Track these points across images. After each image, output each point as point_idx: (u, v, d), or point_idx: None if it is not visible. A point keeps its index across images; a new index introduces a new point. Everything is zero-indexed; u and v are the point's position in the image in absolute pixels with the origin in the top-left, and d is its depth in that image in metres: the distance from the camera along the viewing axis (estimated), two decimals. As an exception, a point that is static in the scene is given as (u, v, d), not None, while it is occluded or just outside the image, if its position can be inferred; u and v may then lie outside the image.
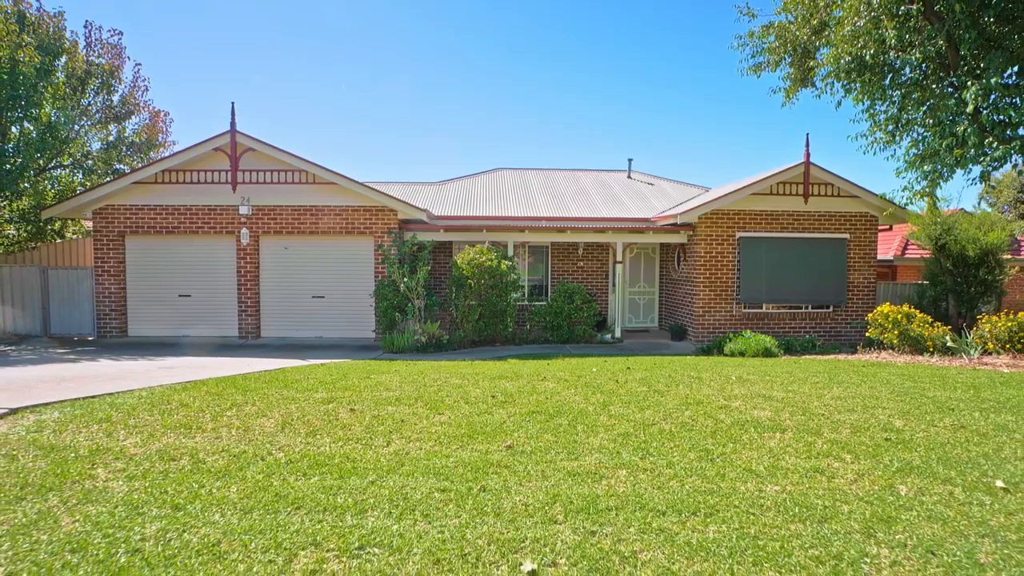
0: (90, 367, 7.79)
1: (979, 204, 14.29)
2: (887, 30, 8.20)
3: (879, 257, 15.34)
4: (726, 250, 12.32)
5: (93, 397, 5.44)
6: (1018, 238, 15.66)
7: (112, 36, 12.08)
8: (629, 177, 16.90)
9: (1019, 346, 8.82)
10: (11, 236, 11.67)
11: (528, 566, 2.62)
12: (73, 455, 3.87)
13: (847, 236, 12.46)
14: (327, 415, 4.91)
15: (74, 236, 13.24)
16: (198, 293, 12.17)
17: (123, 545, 2.78)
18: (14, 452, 3.90)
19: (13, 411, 4.82)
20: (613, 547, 2.81)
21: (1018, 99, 8.24)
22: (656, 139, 76.73)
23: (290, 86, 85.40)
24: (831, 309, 12.54)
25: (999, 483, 3.63)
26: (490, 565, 2.64)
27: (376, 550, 2.75)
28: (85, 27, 12.06)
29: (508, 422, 4.80)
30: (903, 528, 3.05)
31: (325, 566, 2.62)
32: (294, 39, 76.57)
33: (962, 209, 14.47)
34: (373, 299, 11.92)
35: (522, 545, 2.81)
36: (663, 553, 2.77)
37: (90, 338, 11.97)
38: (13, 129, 10.85)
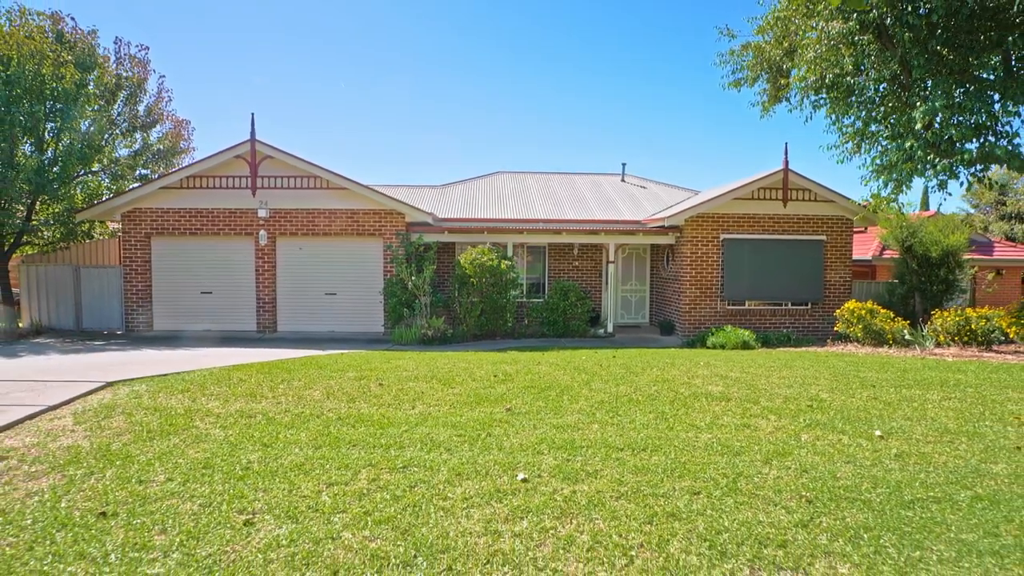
0: (138, 354, 9.08)
1: (939, 208, 15.59)
2: (844, 57, 9.48)
3: (859, 257, 16.69)
4: (711, 251, 13.60)
5: (164, 375, 6.75)
6: (991, 239, 16.94)
7: (140, 51, 13.37)
8: (623, 180, 18.20)
9: (965, 338, 10.12)
10: (46, 237, 12.92)
11: (521, 476, 3.92)
12: (174, 413, 5.17)
13: (824, 238, 13.74)
14: (361, 388, 6.21)
15: (101, 237, 14.52)
16: (219, 290, 13.45)
17: (237, 465, 4.08)
18: (128, 411, 5.20)
19: (109, 384, 6.12)
20: (582, 467, 4.11)
21: (961, 117, 9.50)
22: (656, 138, 78.04)
23: (291, 86, 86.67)
24: (809, 306, 13.83)
25: (878, 432, 4.94)
26: (495, 476, 3.94)
27: (415, 468, 4.05)
28: (115, 43, 13.34)
29: (508, 393, 6.10)
30: (792, 459, 4.35)
31: (381, 476, 3.92)
32: (296, 40, 77.80)
33: (938, 211, 15.77)
34: (382, 296, 13.21)
35: (517, 465, 4.11)
36: (616, 471, 4.07)
37: (119, 332, 13.24)
38: (47, 136, 12.11)
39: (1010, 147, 9.36)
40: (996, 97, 9.54)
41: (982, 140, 9.69)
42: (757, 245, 13.60)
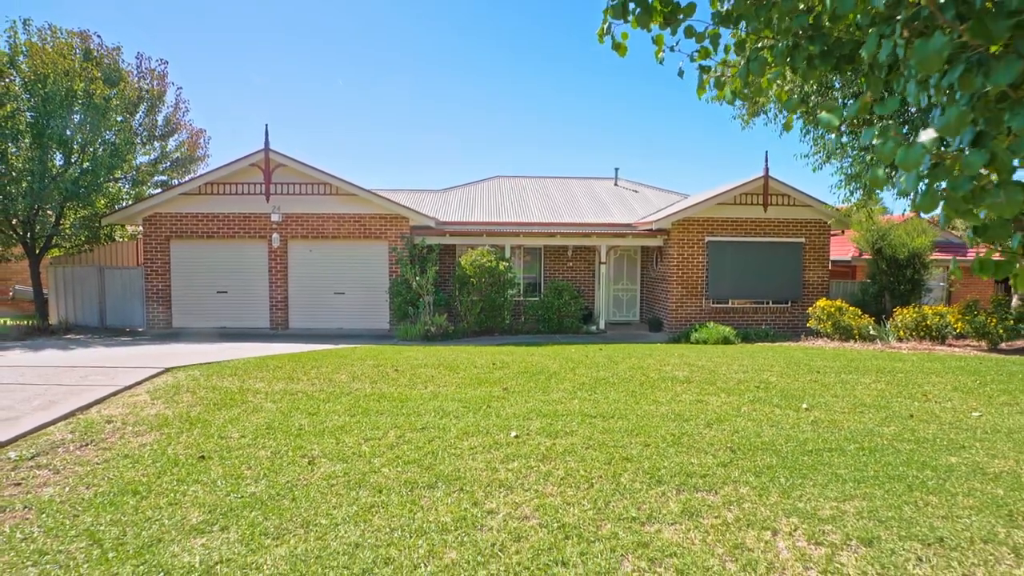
0: (172, 348, 10.35)
1: (904, 211, 16.90)
2: (809, 84, 10.77)
3: (840, 258, 18.00)
4: (696, 252, 14.89)
5: (208, 363, 8.02)
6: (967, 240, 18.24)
7: (159, 65, 14.63)
8: (616, 184, 19.49)
9: (922, 333, 11.42)
10: (71, 240, 14.19)
11: (514, 433, 5.21)
12: (229, 391, 6.46)
13: (802, 240, 15.03)
14: (379, 373, 7.50)
15: (121, 239, 15.78)
16: (234, 290, 14.71)
17: (292, 427, 5.36)
18: (192, 390, 6.48)
19: (167, 369, 7.39)
20: (562, 428, 5.40)
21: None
22: (656, 138, 79.39)
23: (291, 86, 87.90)
24: (789, 304, 15.13)
25: (805, 406, 6.23)
26: (493, 434, 5.22)
27: (431, 429, 5.34)
28: (136, 58, 14.64)
29: (504, 377, 7.39)
30: (728, 424, 5.64)
31: (406, 434, 5.21)
32: (295, 39, 78.99)
33: (917, 214, 17.07)
34: (387, 295, 14.48)
35: (511, 427, 5.40)
36: (588, 431, 5.35)
37: (140, 329, 14.50)
38: (74, 146, 13.36)
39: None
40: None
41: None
42: (740, 247, 14.89)
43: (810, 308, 13.27)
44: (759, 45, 3.29)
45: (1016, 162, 1.92)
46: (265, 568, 3.20)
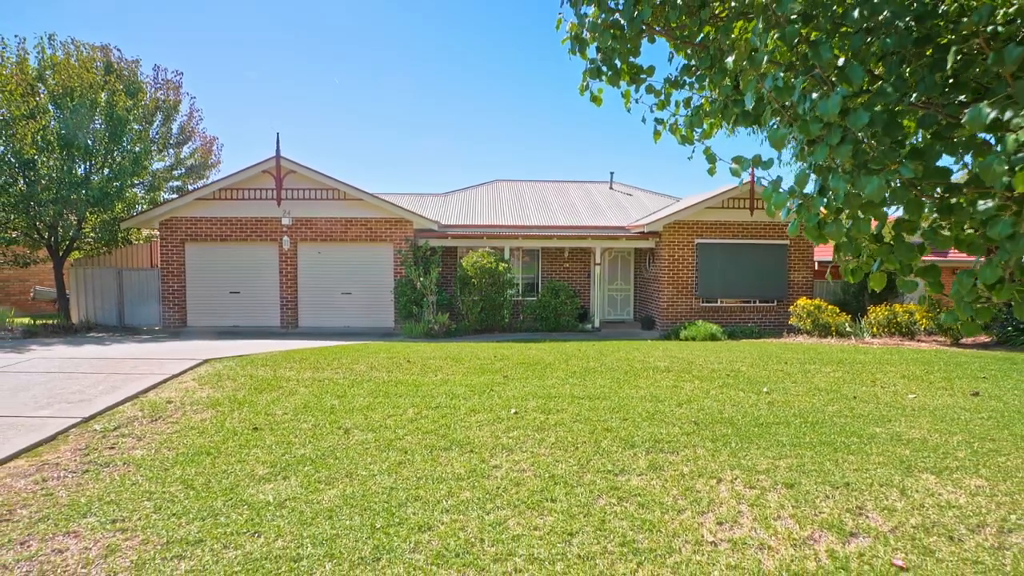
0: (197, 344, 11.42)
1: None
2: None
3: (826, 259, 19.09)
4: (686, 254, 16.00)
5: (239, 356, 9.10)
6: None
7: (175, 76, 15.72)
8: (611, 188, 20.60)
9: (892, 329, 12.54)
10: (91, 243, 15.25)
11: (513, 410, 6.31)
12: (265, 378, 7.54)
13: (787, 242, 16.15)
14: (394, 363, 8.59)
15: (137, 242, 16.85)
16: (246, 290, 15.79)
17: (325, 406, 6.45)
18: (232, 377, 7.57)
19: (206, 360, 8.47)
20: (555, 407, 6.50)
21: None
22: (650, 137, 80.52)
23: (289, 84, 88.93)
24: (775, 303, 16.24)
25: (766, 390, 7.33)
26: (496, 411, 6.32)
27: (444, 407, 6.44)
28: (153, 69, 15.72)
29: (504, 367, 8.48)
30: (697, 404, 6.74)
31: (422, 411, 6.30)
32: (295, 39, 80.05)
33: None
34: (392, 295, 15.57)
35: (511, 406, 6.50)
36: (576, 409, 6.45)
37: (157, 328, 15.57)
38: (96, 154, 14.41)
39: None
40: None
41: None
42: (728, 249, 16.00)
43: (791, 307, 14.37)
44: (700, 101, 4.40)
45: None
46: (324, 503, 4.29)
